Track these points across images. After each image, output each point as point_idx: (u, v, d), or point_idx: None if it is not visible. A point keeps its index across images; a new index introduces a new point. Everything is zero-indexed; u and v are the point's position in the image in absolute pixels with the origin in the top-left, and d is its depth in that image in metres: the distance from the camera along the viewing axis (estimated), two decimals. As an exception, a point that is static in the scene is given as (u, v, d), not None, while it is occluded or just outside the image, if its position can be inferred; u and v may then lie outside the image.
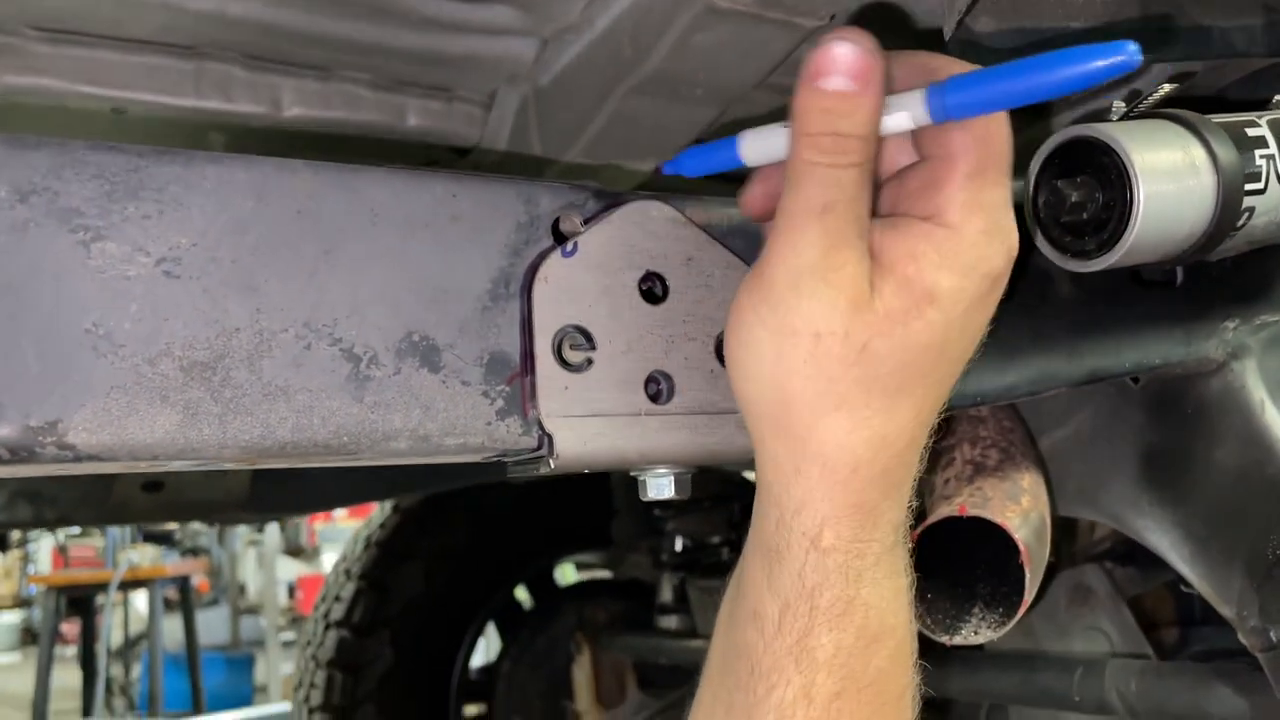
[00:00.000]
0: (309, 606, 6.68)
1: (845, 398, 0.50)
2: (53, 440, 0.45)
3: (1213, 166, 0.63)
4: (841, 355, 0.49)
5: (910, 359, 0.51)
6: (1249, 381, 0.76)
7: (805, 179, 0.49)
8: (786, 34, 0.76)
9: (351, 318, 0.51)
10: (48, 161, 0.46)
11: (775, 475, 0.52)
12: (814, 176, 0.48)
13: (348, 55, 0.89)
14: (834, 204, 0.49)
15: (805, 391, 0.50)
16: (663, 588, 2.05)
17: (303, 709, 2.10)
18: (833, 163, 0.48)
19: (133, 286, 0.47)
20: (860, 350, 0.49)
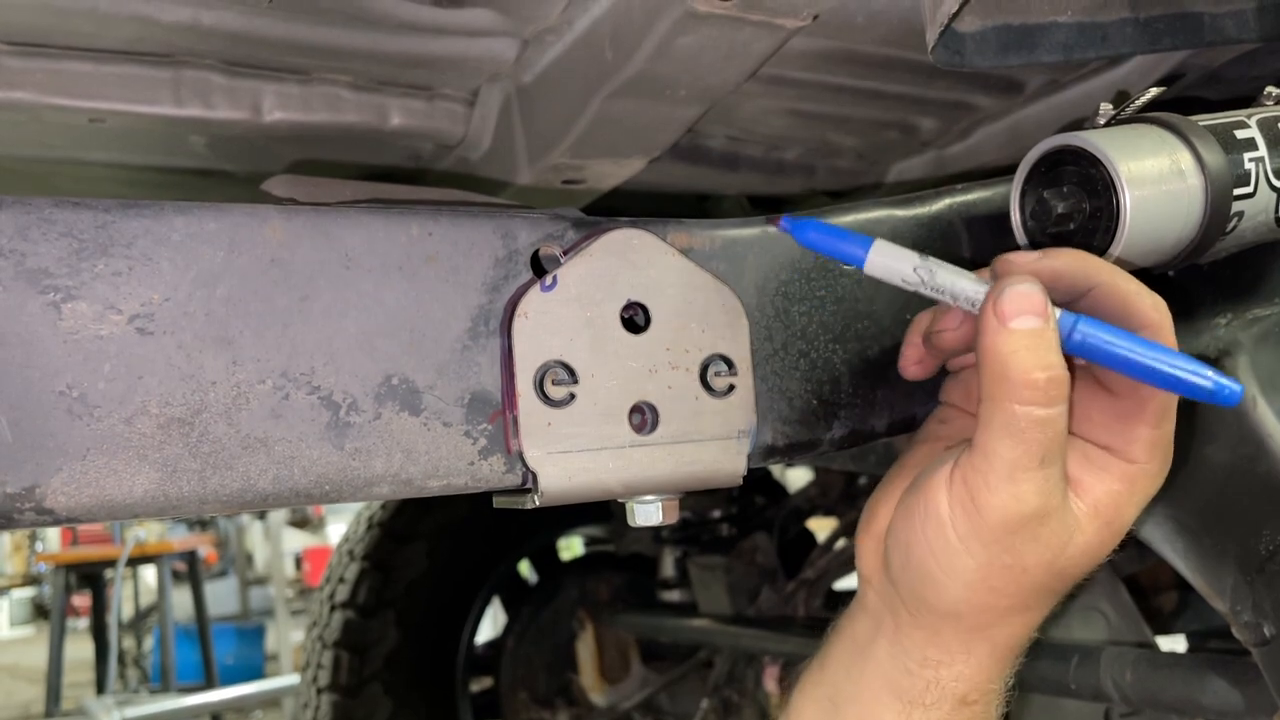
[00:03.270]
0: (315, 577, 6.73)
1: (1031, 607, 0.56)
2: (30, 506, 0.45)
3: (1200, 172, 0.62)
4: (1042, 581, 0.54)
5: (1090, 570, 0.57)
6: (1240, 378, 0.75)
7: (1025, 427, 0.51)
8: (768, 35, 0.75)
9: (329, 365, 0.50)
10: (13, 222, 0.45)
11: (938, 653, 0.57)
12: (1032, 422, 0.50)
13: (327, 60, 0.88)
14: (1050, 452, 0.51)
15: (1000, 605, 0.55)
16: (664, 563, 2.06)
17: (310, 689, 2.12)
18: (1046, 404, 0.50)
19: (106, 346, 0.46)
20: (1058, 576, 0.55)
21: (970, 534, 0.53)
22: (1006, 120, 1.06)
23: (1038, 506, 0.52)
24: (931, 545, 0.55)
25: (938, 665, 0.57)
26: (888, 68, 0.92)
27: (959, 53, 0.70)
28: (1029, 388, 0.50)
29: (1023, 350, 0.50)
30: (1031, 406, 0.50)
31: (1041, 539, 0.53)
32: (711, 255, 0.61)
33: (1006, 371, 0.50)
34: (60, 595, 5.58)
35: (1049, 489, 0.52)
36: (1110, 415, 0.55)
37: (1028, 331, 0.50)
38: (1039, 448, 0.51)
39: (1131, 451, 0.54)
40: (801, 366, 0.63)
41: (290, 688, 4.42)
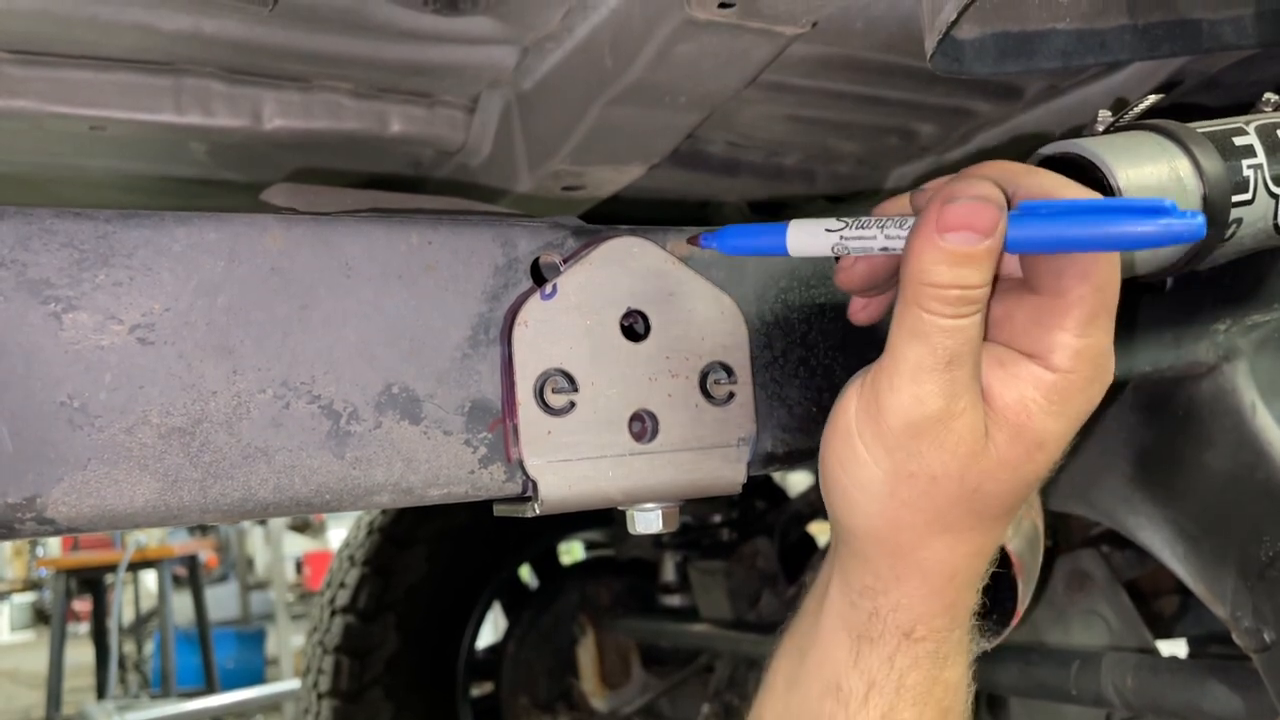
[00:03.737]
0: (316, 582, 6.73)
1: (952, 525, 0.53)
2: (31, 516, 0.45)
3: (1198, 179, 0.62)
4: (955, 494, 0.52)
5: (1016, 492, 0.53)
6: (1240, 384, 0.75)
7: (930, 332, 0.49)
8: (767, 42, 0.75)
9: (329, 374, 0.50)
10: (14, 232, 0.45)
11: (873, 580, 0.55)
12: (939, 329, 0.49)
13: (328, 67, 0.88)
14: (957, 356, 0.49)
15: (915, 521, 0.53)
16: (664, 567, 2.06)
17: (311, 694, 2.12)
18: (956, 314, 0.48)
19: (106, 356, 0.46)
20: (973, 491, 0.52)
21: (874, 440, 0.51)
22: (1005, 126, 1.06)
23: (940, 408, 0.49)
24: (841, 458, 0.53)
25: (874, 594, 0.55)
26: (887, 73, 0.92)
27: (958, 59, 0.70)
28: (939, 300, 0.48)
29: (945, 267, 0.47)
30: (939, 317, 0.48)
31: (947, 446, 0.50)
32: (711, 263, 0.61)
33: (921, 279, 0.48)
34: (61, 600, 5.58)
35: (954, 391, 0.49)
36: (1032, 319, 0.51)
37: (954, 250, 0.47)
38: (945, 351, 0.49)
39: (1052, 359, 0.51)
40: (801, 374, 0.63)
41: (291, 692, 4.42)
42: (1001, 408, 0.51)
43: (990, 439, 0.51)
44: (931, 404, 0.50)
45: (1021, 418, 0.51)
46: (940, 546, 0.53)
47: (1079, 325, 0.51)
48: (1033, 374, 0.51)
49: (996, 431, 0.51)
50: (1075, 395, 0.51)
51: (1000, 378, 0.51)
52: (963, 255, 0.47)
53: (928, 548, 0.53)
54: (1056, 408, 0.51)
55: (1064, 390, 0.51)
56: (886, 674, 0.55)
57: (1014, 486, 0.53)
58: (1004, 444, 0.51)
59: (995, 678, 1.08)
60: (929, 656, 0.55)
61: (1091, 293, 0.50)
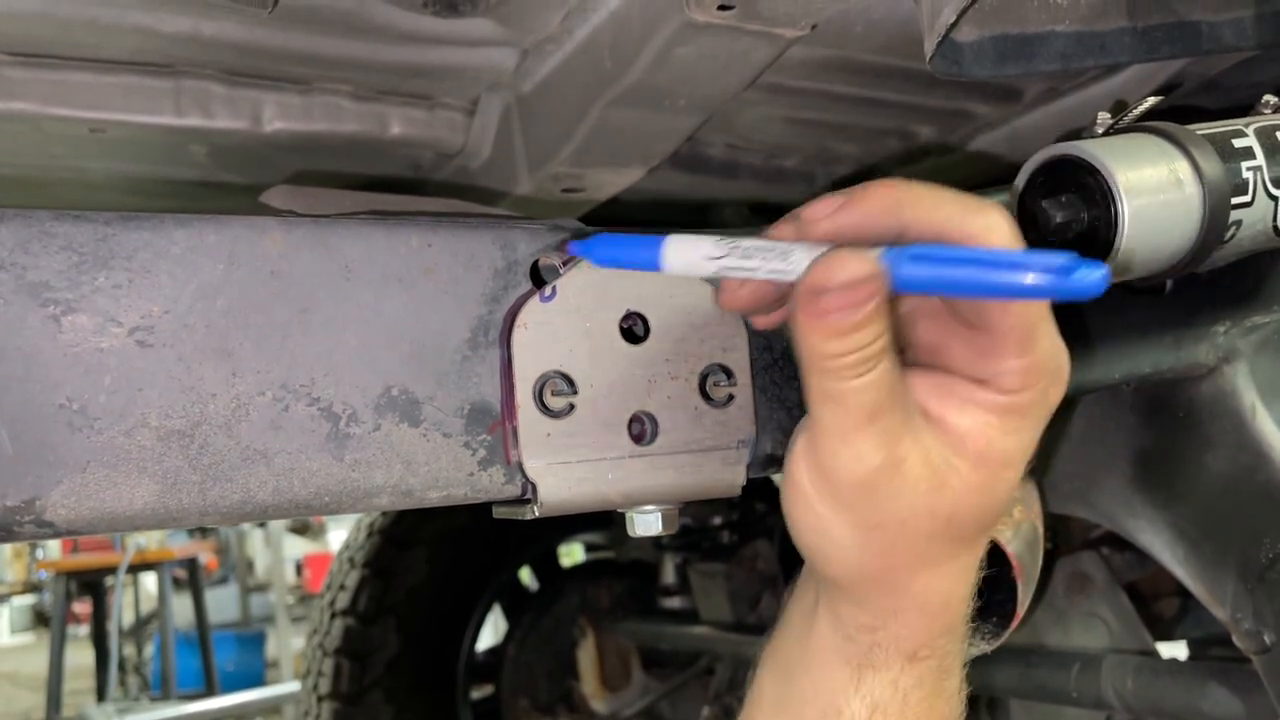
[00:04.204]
0: (316, 584, 6.73)
1: (933, 558, 0.52)
2: (30, 519, 0.45)
3: (1198, 181, 0.63)
4: (928, 530, 0.50)
5: (990, 511, 0.52)
6: (1240, 385, 0.75)
7: (843, 394, 0.47)
8: (767, 44, 0.75)
9: (329, 376, 0.50)
10: (13, 235, 0.45)
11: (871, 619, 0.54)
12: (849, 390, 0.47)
13: (327, 69, 0.88)
14: (878, 406, 0.47)
15: (897, 564, 0.52)
16: (664, 569, 2.06)
17: (311, 697, 2.12)
18: (859, 373, 0.47)
19: (106, 358, 0.46)
20: (946, 521, 0.50)
21: (832, 500, 0.50)
22: (1005, 128, 1.06)
23: (882, 460, 0.48)
24: (806, 521, 0.52)
25: (873, 630, 0.54)
26: (886, 76, 0.92)
27: (957, 62, 0.70)
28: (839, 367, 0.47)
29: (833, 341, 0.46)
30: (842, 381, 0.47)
31: (905, 490, 0.49)
32: (710, 265, 0.61)
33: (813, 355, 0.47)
34: (61, 602, 5.58)
35: (889, 439, 0.48)
36: (971, 349, 0.50)
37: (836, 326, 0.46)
38: (863, 408, 0.47)
39: (1001, 382, 0.49)
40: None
41: (291, 695, 4.42)
42: (960, 435, 0.50)
43: (953, 468, 0.50)
44: (870, 459, 0.48)
45: (981, 443, 0.50)
46: (929, 578, 0.53)
47: (1018, 347, 0.49)
48: (985, 399, 0.50)
49: (958, 459, 0.50)
50: (1032, 409, 0.50)
51: (953, 406, 0.50)
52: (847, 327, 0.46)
53: (917, 581, 0.53)
54: (1015, 426, 0.50)
55: (1020, 408, 0.50)
56: (890, 695, 0.54)
57: (987, 507, 0.52)
58: (968, 470, 0.50)
59: (995, 680, 1.08)
60: (933, 672, 0.55)
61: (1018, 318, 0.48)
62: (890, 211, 0.48)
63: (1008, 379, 0.49)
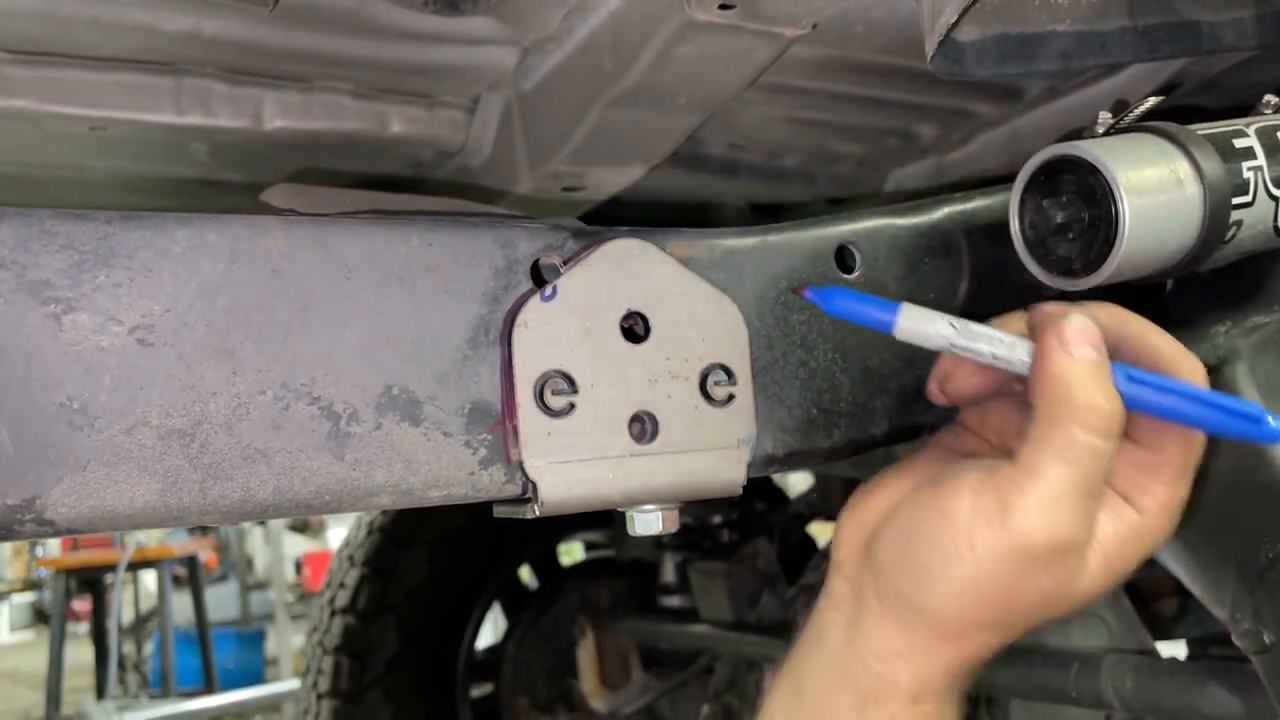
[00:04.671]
0: (316, 582, 6.73)
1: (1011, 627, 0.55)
2: (31, 517, 0.45)
3: (1199, 181, 0.62)
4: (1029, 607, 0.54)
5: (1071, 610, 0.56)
6: (1241, 386, 0.75)
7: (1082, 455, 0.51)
8: (768, 44, 0.75)
9: (329, 376, 0.50)
10: (14, 234, 0.45)
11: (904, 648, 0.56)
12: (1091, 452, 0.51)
13: (328, 68, 0.88)
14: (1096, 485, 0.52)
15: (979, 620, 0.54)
16: (664, 568, 2.06)
17: (311, 695, 2.12)
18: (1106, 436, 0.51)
19: (106, 357, 0.46)
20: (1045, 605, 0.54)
21: (986, 546, 0.52)
22: (1006, 127, 1.06)
23: (1069, 538, 0.51)
24: (939, 546, 0.54)
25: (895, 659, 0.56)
26: (887, 75, 0.92)
27: (958, 61, 0.70)
28: (1094, 413, 0.50)
29: (1087, 377, 0.50)
30: (1093, 434, 0.50)
31: (1054, 570, 0.52)
32: (711, 264, 0.61)
33: (1072, 395, 0.50)
34: (60, 600, 5.58)
35: (1084, 524, 0.52)
36: (1131, 464, 0.54)
37: (1091, 360, 0.51)
38: (1089, 478, 0.51)
39: (1144, 503, 0.54)
40: (801, 375, 0.63)
41: (290, 693, 4.42)
42: (1103, 543, 0.54)
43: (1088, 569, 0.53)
44: (1065, 531, 0.51)
45: (1115, 555, 0.54)
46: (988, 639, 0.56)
47: (1174, 477, 0.54)
48: (1130, 518, 0.54)
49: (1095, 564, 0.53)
50: (1155, 539, 0.55)
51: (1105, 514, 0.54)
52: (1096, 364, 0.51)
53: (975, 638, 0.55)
54: (1139, 549, 0.55)
55: (1148, 534, 0.55)
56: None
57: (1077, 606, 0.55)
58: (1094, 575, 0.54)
59: (995, 679, 1.08)
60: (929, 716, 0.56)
61: (1187, 451, 0.54)
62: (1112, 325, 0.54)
63: (1151, 502, 0.54)
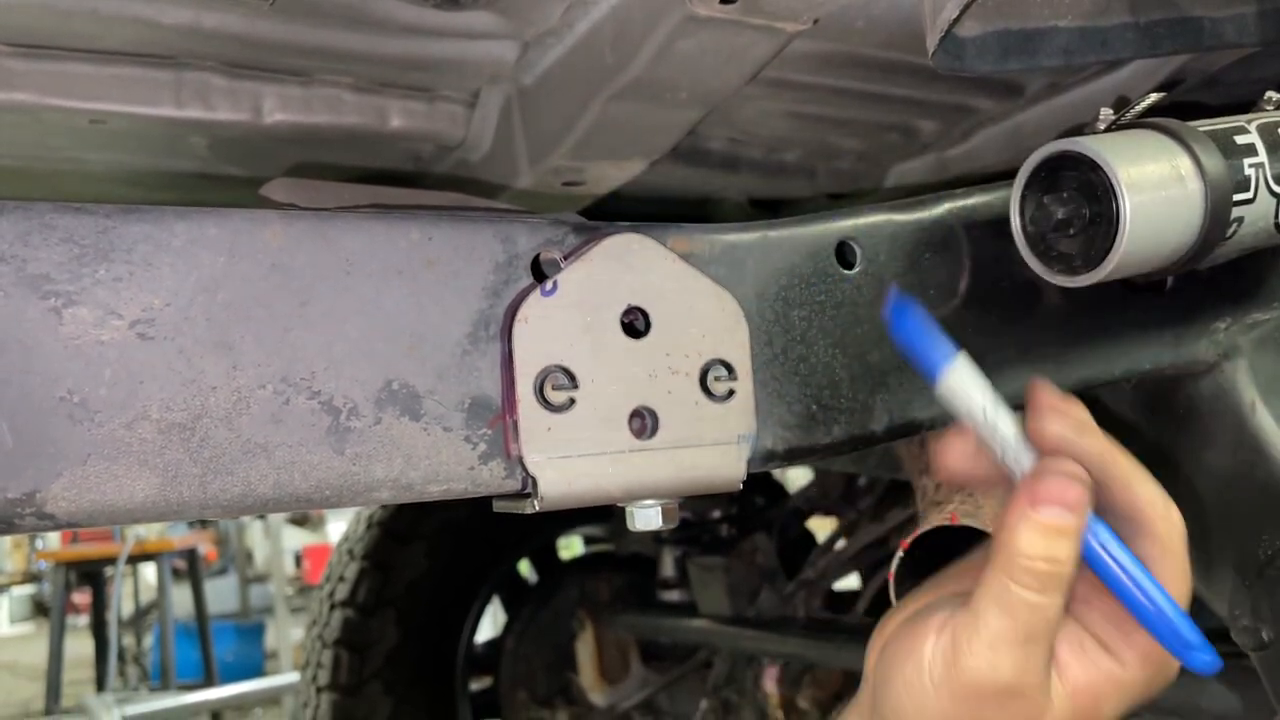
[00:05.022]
0: (315, 575, 6.73)
1: None
2: (31, 511, 0.45)
3: (1200, 178, 0.62)
4: None
5: None
6: (1240, 382, 0.75)
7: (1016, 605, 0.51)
8: (769, 39, 0.75)
9: (329, 370, 0.50)
10: (14, 227, 0.45)
11: None
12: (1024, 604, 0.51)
13: (328, 61, 0.88)
14: (1035, 634, 0.52)
15: None
16: (663, 563, 2.07)
17: (310, 688, 2.12)
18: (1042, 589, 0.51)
19: (106, 351, 0.46)
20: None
21: (943, 684, 0.54)
22: (1007, 123, 1.06)
23: (1011, 681, 0.52)
24: (908, 681, 0.55)
25: None
26: (888, 71, 0.92)
27: (959, 57, 0.70)
28: (1029, 574, 0.51)
29: (1037, 537, 0.51)
30: (1027, 591, 0.51)
31: (1009, 710, 0.53)
32: (711, 260, 0.61)
33: (1014, 549, 0.51)
34: (60, 592, 5.58)
35: (1028, 667, 0.52)
36: (1110, 614, 0.55)
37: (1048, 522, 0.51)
38: (1025, 627, 0.51)
39: (1123, 655, 0.54)
40: (801, 371, 0.63)
41: (290, 685, 4.43)
42: (1072, 688, 0.54)
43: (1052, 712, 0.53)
44: (1004, 675, 0.52)
45: (1087, 704, 0.54)
46: None
47: None
48: (1107, 666, 0.54)
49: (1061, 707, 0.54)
50: (1137, 692, 0.55)
51: (1078, 658, 0.54)
52: (1054, 528, 0.50)
53: None
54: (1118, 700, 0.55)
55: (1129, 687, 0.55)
56: None
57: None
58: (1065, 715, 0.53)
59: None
60: None
61: None
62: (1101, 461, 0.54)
63: (1132, 655, 0.54)
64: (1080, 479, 0.52)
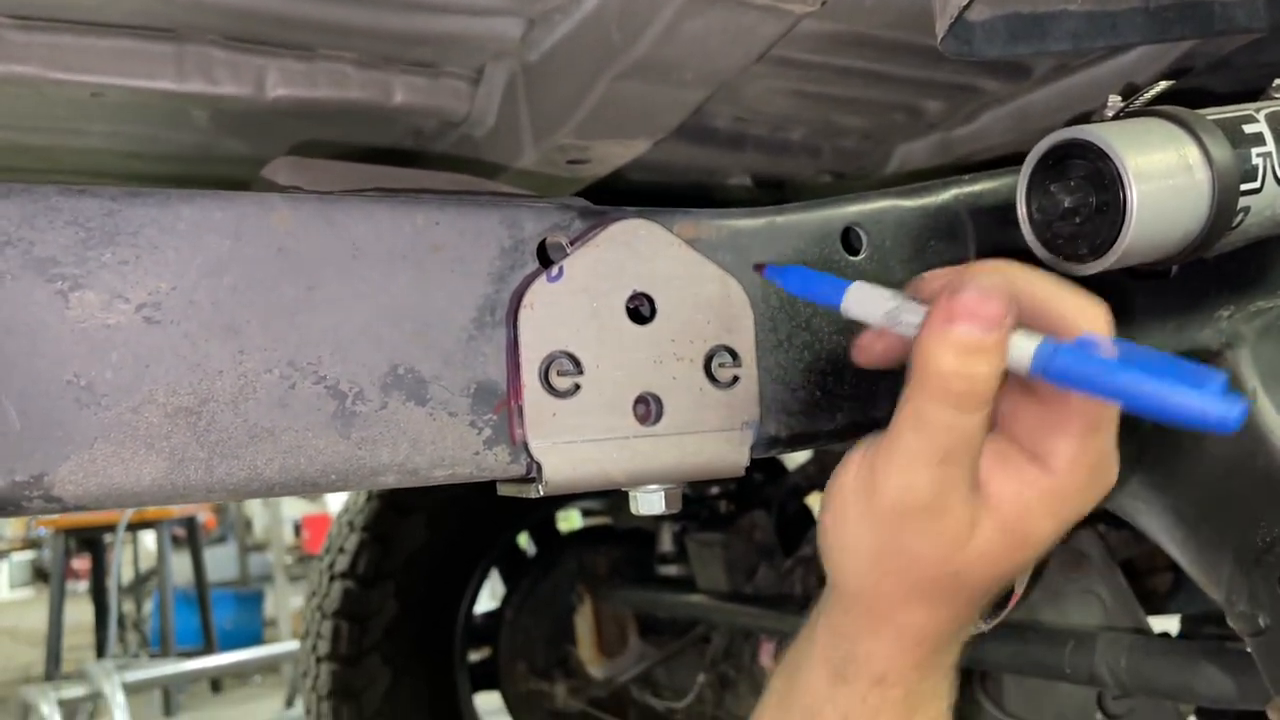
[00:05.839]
0: (314, 544, 6.76)
1: (929, 597, 0.54)
2: (39, 494, 0.45)
3: (1207, 167, 0.62)
4: (934, 575, 0.52)
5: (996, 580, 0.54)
6: (1242, 370, 0.75)
7: (931, 424, 0.49)
8: (776, 20, 0.75)
9: (335, 355, 0.50)
10: (19, 210, 0.45)
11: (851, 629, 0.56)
12: (938, 422, 0.49)
13: (331, 36, 0.87)
14: (953, 453, 0.50)
15: (894, 589, 0.54)
16: (662, 537, 2.07)
17: (310, 658, 2.14)
18: (957, 409, 0.49)
19: (113, 335, 0.46)
20: (953, 574, 0.53)
21: (865, 513, 0.52)
22: (1013, 104, 1.05)
23: (928, 502, 0.50)
24: (835, 519, 0.54)
25: (851, 640, 0.56)
26: (895, 51, 0.91)
27: (968, 41, 0.70)
28: (944, 392, 0.49)
29: (951, 355, 0.48)
30: (943, 408, 0.49)
31: (931, 533, 0.51)
32: (717, 246, 0.61)
33: (926, 369, 0.49)
34: (60, 559, 5.60)
35: (945, 488, 0.50)
36: (1035, 421, 0.52)
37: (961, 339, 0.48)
38: (942, 447, 0.49)
39: (1051, 462, 0.51)
40: (805, 358, 0.63)
41: (289, 653, 4.46)
42: (996, 502, 0.52)
43: (978, 529, 0.51)
44: (920, 495, 0.50)
45: (1013, 516, 0.52)
46: (916, 613, 0.54)
47: (1082, 432, 0.51)
48: (1032, 475, 0.52)
49: (986, 522, 0.51)
50: (1071, 499, 0.52)
51: (1000, 473, 0.52)
52: (968, 345, 0.48)
53: (904, 613, 0.54)
54: (1050, 510, 0.52)
55: (1060, 494, 0.52)
56: (860, 710, 0.56)
57: (995, 576, 0.54)
58: (991, 537, 0.51)
59: (991, 655, 1.08)
60: (899, 702, 0.56)
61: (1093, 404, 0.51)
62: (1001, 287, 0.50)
63: (1060, 460, 0.51)
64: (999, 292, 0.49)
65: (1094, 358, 0.47)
